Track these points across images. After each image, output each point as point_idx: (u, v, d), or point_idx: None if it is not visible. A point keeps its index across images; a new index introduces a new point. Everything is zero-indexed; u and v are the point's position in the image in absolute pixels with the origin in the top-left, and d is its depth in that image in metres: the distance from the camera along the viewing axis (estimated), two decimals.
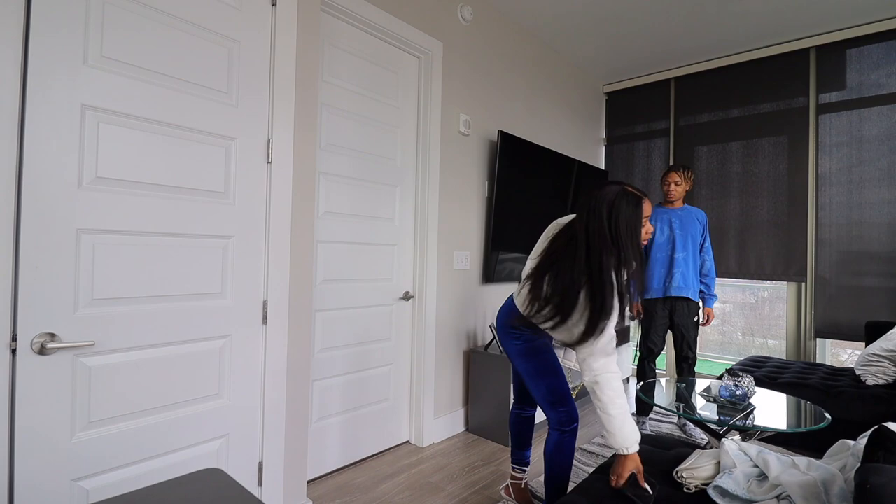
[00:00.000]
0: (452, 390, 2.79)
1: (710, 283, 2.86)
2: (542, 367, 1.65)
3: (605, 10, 3.09)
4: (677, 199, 2.85)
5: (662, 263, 2.84)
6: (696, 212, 2.88)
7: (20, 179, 1.17)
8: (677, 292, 2.78)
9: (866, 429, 1.26)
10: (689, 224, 2.82)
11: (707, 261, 2.86)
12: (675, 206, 2.87)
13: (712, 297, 2.86)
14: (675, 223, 2.82)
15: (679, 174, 2.83)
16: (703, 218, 2.88)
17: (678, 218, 2.83)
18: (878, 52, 3.14)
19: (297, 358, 1.80)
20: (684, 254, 2.79)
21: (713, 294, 2.86)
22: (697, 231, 2.82)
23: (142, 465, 1.40)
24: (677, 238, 2.80)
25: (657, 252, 2.86)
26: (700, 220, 2.86)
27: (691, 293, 2.79)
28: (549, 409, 1.67)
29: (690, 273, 2.80)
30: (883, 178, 3.10)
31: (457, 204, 2.80)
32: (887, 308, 3.04)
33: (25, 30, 1.17)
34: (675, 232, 2.81)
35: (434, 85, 2.60)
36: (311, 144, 1.84)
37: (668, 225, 2.85)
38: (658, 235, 2.86)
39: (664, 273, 2.83)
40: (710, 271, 2.86)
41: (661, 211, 2.91)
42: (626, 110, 4.31)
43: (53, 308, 1.23)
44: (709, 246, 2.87)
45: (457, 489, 2.14)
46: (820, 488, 1.10)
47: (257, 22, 1.66)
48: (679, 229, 2.81)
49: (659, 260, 2.85)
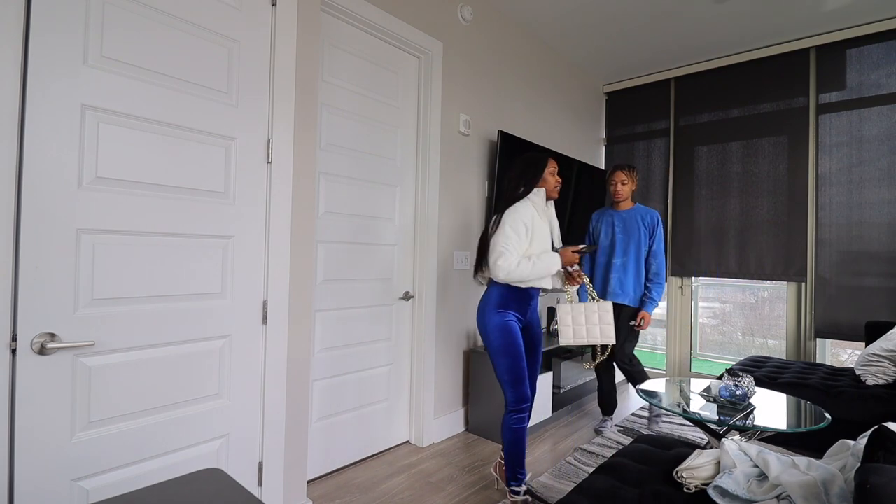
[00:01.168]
0: (452, 390, 2.79)
1: (652, 287, 2.71)
2: (508, 347, 1.90)
3: (605, 10, 3.09)
4: (624, 199, 2.77)
5: (601, 268, 2.81)
6: (645, 213, 2.75)
7: (20, 179, 1.17)
8: (612, 297, 2.71)
9: (866, 429, 1.26)
10: (632, 227, 2.73)
11: (653, 265, 2.72)
12: (622, 206, 2.78)
13: (651, 301, 2.71)
14: (617, 226, 2.75)
15: (625, 173, 2.74)
16: (653, 219, 2.73)
17: (621, 221, 2.75)
18: (878, 52, 3.14)
19: (297, 358, 1.80)
20: (623, 259, 2.72)
21: (653, 299, 2.71)
22: (641, 234, 2.71)
23: (142, 465, 1.40)
24: (617, 242, 2.73)
25: (599, 256, 2.82)
26: (646, 221, 2.72)
27: (629, 300, 2.71)
28: (507, 388, 1.93)
29: (630, 279, 2.71)
30: (883, 178, 3.10)
31: (457, 204, 2.80)
32: (887, 308, 3.04)
33: (25, 30, 1.17)
34: (617, 236, 2.74)
35: (434, 85, 2.60)
36: (311, 144, 1.84)
37: (611, 228, 2.78)
38: (602, 239, 2.81)
39: (602, 278, 2.80)
40: (656, 276, 2.71)
41: (606, 213, 2.84)
42: (626, 110, 4.32)
43: (53, 308, 1.23)
44: (657, 249, 2.72)
45: (457, 489, 2.14)
46: (820, 488, 1.10)
47: (257, 22, 1.66)
48: (621, 233, 2.74)
49: (599, 264, 2.82)
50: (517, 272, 1.87)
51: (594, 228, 2.89)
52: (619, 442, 2.70)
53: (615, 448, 2.60)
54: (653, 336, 5.23)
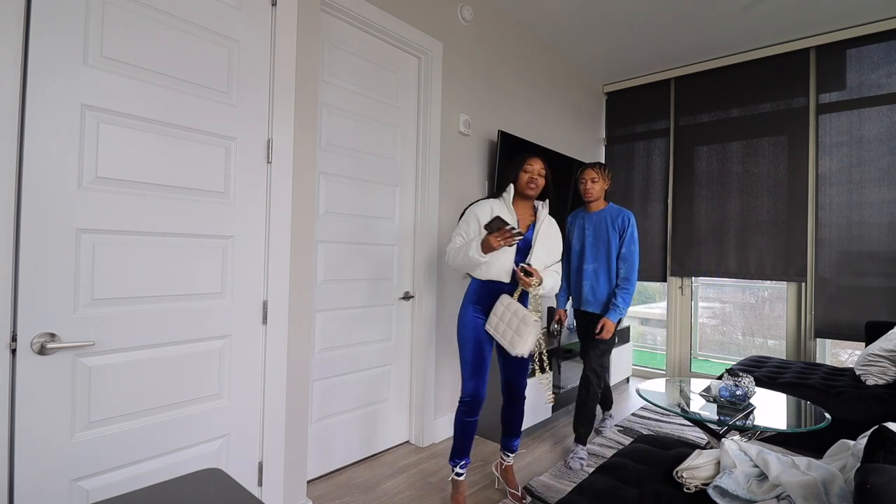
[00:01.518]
0: (452, 390, 2.79)
1: (618, 293, 2.43)
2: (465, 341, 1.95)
3: (605, 10, 3.09)
4: (595, 199, 2.52)
5: (573, 274, 2.63)
6: (616, 213, 2.50)
7: (20, 179, 1.17)
8: (585, 306, 2.54)
9: (866, 429, 1.26)
10: (602, 230, 2.50)
11: (622, 269, 2.45)
12: (594, 207, 2.55)
13: (615, 308, 2.41)
14: (588, 230, 2.55)
15: (595, 171, 2.51)
16: (624, 220, 2.47)
17: (592, 224, 2.54)
18: (878, 52, 3.14)
19: (297, 358, 1.80)
20: (594, 265, 2.51)
21: (618, 306, 2.42)
22: (611, 237, 2.47)
23: (142, 465, 1.40)
24: (588, 247, 2.54)
25: (572, 262, 2.64)
26: (617, 223, 2.47)
27: (603, 309, 2.48)
28: (462, 379, 1.97)
29: (602, 286, 2.49)
30: (883, 178, 3.10)
31: (457, 204, 2.80)
32: (887, 308, 3.04)
33: (25, 30, 1.17)
34: (587, 240, 2.55)
35: (434, 85, 2.60)
36: (311, 144, 1.84)
37: (582, 231, 2.59)
38: (574, 243, 2.62)
39: (574, 285, 2.62)
40: (624, 280, 2.44)
41: (579, 216, 2.64)
42: (626, 110, 4.32)
43: (53, 308, 1.23)
44: (627, 252, 2.44)
45: None
46: (820, 488, 1.10)
47: (257, 22, 1.66)
48: (591, 237, 2.54)
49: (571, 271, 2.64)
50: (449, 257, 1.94)
51: (568, 231, 2.69)
52: (619, 442, 2.71)
53: (615, 448, 2.60)
54: (653, 336, 5.24)
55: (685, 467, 1.38)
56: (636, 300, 5.06)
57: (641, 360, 4.55)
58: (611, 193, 2.58)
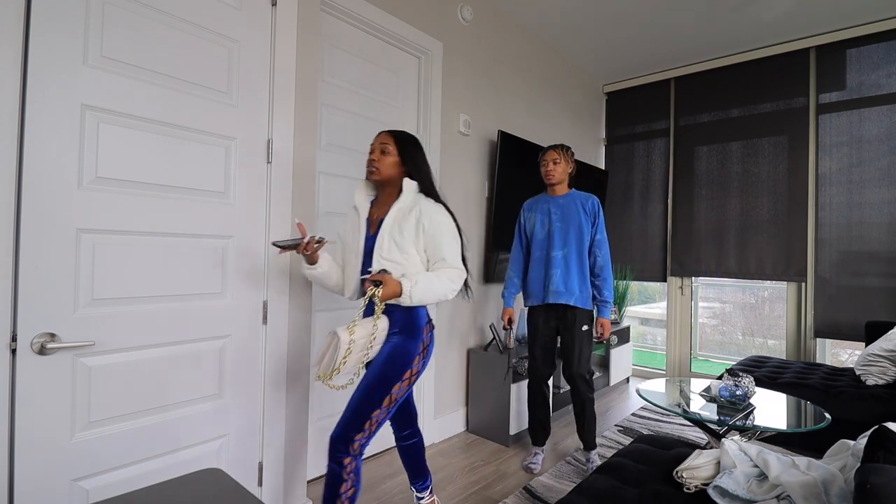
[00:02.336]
0: (452, 390, 2.79)
1: (601, 286, 2.28)
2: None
3: (605, 10, 3.09)
4: (558, 182, 2.33)
5: (539, 263, 2.35)
6: (584, 198, 2.32)
7: (20, 179, 1.17)
8: (556, 298, 2.27)
9: (866, 429, 1.26)
10: (572, 214, 2.29)
11: (598, 257, 2.28)
12: (558, 191, 2.36)
13: (605, 304, 2.29)
14: (554, 214, 2.32)
15: (558, 152, 2.32)
16: (594, 205, 2.30)
17: (559, 208, 2.32)
18: (878, 52, 3.14)
19: (297, 358, 1.80)
20: (564, 251, 2.28)
21: (606, 300, 2.29)
22: (583, 221, 2.28)
23: (142, 465, 1.40)
24: (555, 232, 2.30)
25: (535, 250, 2.37)
26: (587, 207, 2.30)
27: (575, 300, 2.26)
28: None
29: (574, 275, 2.27)
30: (883, 178, 3.10)
31: (457, 204, 2.80)
32: (887, 308, 3.04)
33: (25, 30, 1.17)
34: (554, 225, 2.30)
35: (434, 85, 2.60)
36: (311, 144, 1.84)
37: (547, 216, 2.34)
38: (538, 230, 2.36)
39: (542, 275, 2.33)
40: (602, 270, 2.28)
41: (541, 200, 2.41)
42: (626, 110, 4.32)
43: (53, 308, 1.23)
44: (601, 239, 2.29)
45: (457, 489, 2.14)
46: (820, 488, 1.10)
47: (257, 22, 1.66)
48: (559, 221, 2.30)
49: (537, 260, 2.36)
50: None
51: (526, 220, 2.43)
52: (619, 442, 2.71)
53: (615, 448, 2.60)
54: (653, 336, 5.24)
55: (685, 467, 1.38)
56: (636, 300, 5.06)
57: (641, 360, 4.55)
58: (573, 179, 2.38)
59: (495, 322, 3.09)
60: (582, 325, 2.30)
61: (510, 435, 2.61)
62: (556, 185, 2.35)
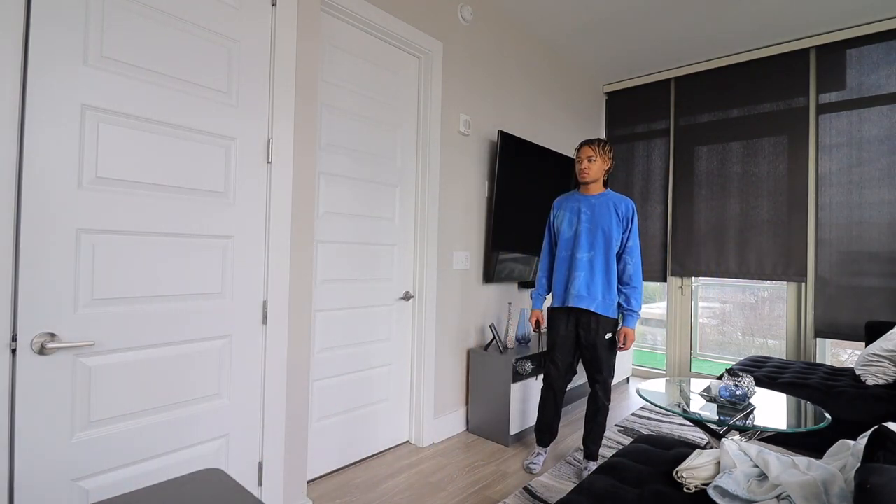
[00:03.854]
0: (452, 390, 2.79)
1: (630, 294, 2.19)
2: None
3: (605, 10, 3.09)
4: (593, 181, 2.23)
5: (563, 263, 2.26)
6: (619, 200, 2.22)
7: (20, 179, 1.17)
8: (576, 302, 2.18)
9: (866, 429, 1.26)
10: (603, 215, 2.19)
11: (629, 265, 2.19)
12: (591, 190, 2.26)
13: (632, 314, 2.19)
14: (584, 214, 2.22)
15: (593, 147, 2.21)
16: (628, 208, 2.20)
17: (589, 207, 2.22)
18: (878, 53, 3.14)
19: (297, 358, 1.80)
20: (590, 254, 2.19)
21: (633, 310, 2.19)
22: (613, 225, 2.18)
23: (142, 465, 1.40)
24: (583, 233, 2.20)
25: (561, 249, 2.28)
26: (620, 210, 2.19)
27: (597, 306, 2.17)
28: None
29: (598, 280, 2.18)
30: (883, 179, 3.10)
31: (457, 204, 2.80)
32: (887, 308, 3.04)
33: (25, 30, 1.17)
34: (582, 225, 2.21)
35: (434, 85, 2.60)
36: (311, 144, 1.84)
37: (576, 216, 2.25)
38: (565, 229, 2.28)
39: (565, 276, 2.25)
40: (632, 278, 2.19)
41: (572, 198, 2.31)
42: (626, 110, 4.32)
43: (53, 308, 1.23)
44: (633, 245, 2.19)
45: (457, 489, 2.14)
46: (820, 488, 1.10)
47: (257, 22, 1.66)
48: (588, 222, 2.20)
49: (561, 259, 2.27)
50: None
51: (555, 217, 2.36)
52: (619, 442, 2.71)
53: (615, 448, 2.60)
54: (653, 336, 5.24)
55: (685, 467, 1.38)
56: None
57: (641, 360, 4.55)
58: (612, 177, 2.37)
59: (495, 322, 3.09)
60: (605, 333, 2.20)
61: (510, 435, 2.61)
62: (591, 184, 2.26)
